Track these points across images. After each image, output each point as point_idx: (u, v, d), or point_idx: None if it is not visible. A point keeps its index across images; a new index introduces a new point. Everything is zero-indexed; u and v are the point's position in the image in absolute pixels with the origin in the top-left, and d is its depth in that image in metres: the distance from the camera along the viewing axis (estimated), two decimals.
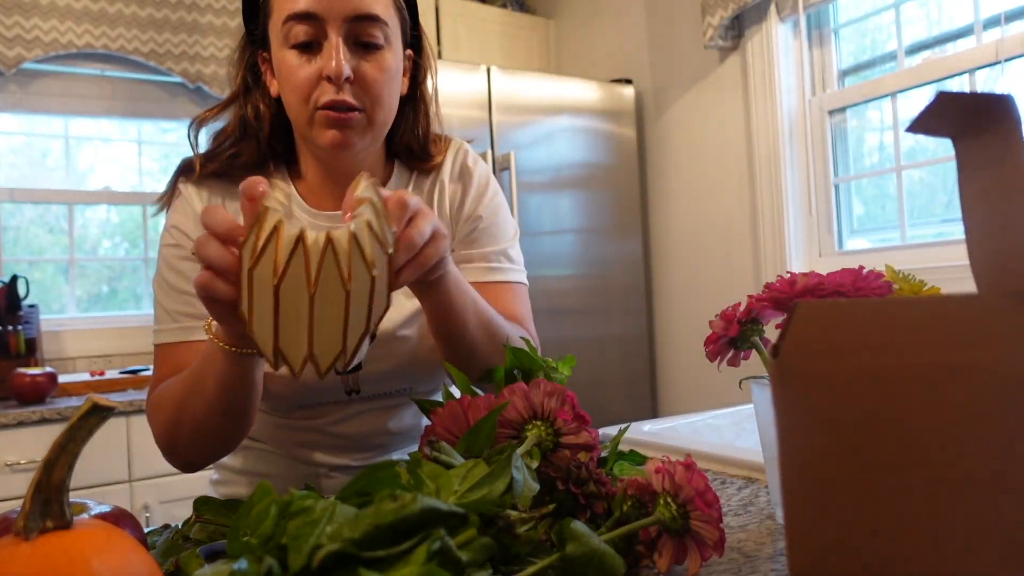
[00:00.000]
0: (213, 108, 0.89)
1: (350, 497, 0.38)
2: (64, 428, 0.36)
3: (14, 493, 1.88)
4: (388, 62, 0.80)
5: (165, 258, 0.85)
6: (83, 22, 2.50)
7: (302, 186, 0.90)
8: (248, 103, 0.87)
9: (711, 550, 0.46)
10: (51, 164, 2.66)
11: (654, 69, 2.72)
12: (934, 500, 0.27)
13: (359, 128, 0.79)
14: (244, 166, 0.86)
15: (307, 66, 0.77)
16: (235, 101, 0.88)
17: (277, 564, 0.34)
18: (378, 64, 0.79)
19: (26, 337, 2.25)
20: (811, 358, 0.30)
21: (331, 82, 0.76)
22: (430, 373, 0.90)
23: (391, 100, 0.82)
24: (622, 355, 2.63)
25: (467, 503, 0.38)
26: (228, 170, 0.86)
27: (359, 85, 0.78)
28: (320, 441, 0.90)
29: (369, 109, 0.79)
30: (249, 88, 0.87)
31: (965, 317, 0.28)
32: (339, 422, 0.89)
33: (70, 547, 0.34)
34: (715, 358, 0.62)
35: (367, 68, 0.78)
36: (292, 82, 0.78)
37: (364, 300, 0.52)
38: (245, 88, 0.87)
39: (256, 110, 0.86)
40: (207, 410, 0.69)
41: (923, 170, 2.08)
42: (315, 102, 0.77)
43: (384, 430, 0.91)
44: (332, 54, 0.76)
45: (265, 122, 0.86)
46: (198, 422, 0.71)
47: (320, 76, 0.76)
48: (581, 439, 0.56)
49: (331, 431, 0.89)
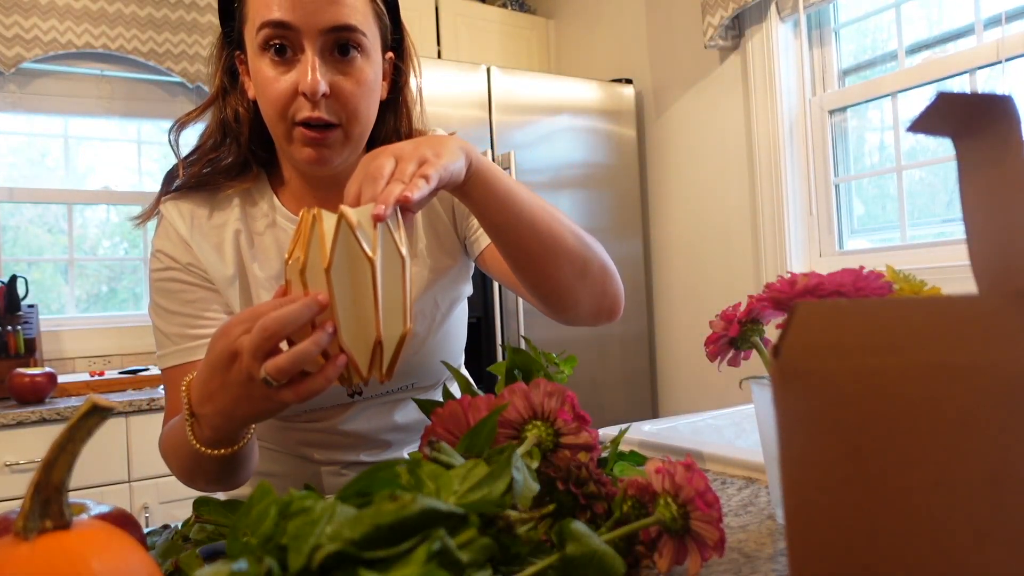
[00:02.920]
0: (193, 111, 0.88)
1: (350, 497, 0.38)
2: (63, 428, 0.36)
3: (13, 493, 1.88)
4: (366, 74, 0.78)
5: (155, 283, 0.85)
6: (83, 22, 2.50)
7: (284, 192, 0.88)
8: (227, 105, 0.85)
9: (711, 550, 0.46)
10: (50, 164, 2.66)
11: (654, 69, 2.71)
12: (934, 501, 0.27)
13: (336, 144, 0.78)
14: (226, 170, 0.85)
15: (282, 79, 0.75)
16: (214, 103, 0.86)
17: (277, 564, 0.34)
18: (355, 77, 0.77)
19: (25, 337, 2.25)
20: (812, 358, 0.30)
21: (307, 99, 0.75)
22: (430, 369, 0.91)
23: (369, 112, 0.81)
24: (622, 355, 2.63)
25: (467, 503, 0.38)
26: (211, 177, 0.85)
27: (335, 100, 0.76)
28: (327, 440, 0.91)
29: (346, 124, 0.78)
30: (227, 90, 0.86)
31: (966, 317, 0.28)
32: (345, 422, 0.90)
33: (69, 547, 0.34)
34: (715, 358, 0.62)
35: (343, 82, 0.76)
36: (268, 95, 0.77)
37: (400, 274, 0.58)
38: (223, 90, 0.86)
39: (235, 112, 0.85)
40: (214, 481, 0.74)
41: (923, 170, 2.08)
42: (291, 117, 0.76)
43: (392, 425, 0.92)
44: (307, 70, 0.74)
45: (245, 125, 0.85)
46: (211, 485, 0.76)
47: (296, 90, 0.75)
48: (581, 439, 0.56)
49: (338, 430, 0.90)
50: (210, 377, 0.62)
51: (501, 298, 2.33)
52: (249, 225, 0.87)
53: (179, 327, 0.83)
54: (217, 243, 0.85)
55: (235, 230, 0.86)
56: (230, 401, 0.61)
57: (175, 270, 0.84)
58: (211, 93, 0.86)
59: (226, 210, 0.86)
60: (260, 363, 0.57)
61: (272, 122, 0.78)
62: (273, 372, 0.56)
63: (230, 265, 0.85)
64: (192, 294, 0.84)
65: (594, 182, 2.59)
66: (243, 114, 0.85)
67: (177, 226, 0.84)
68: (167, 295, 0.84)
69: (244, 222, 0.86)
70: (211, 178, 0.85)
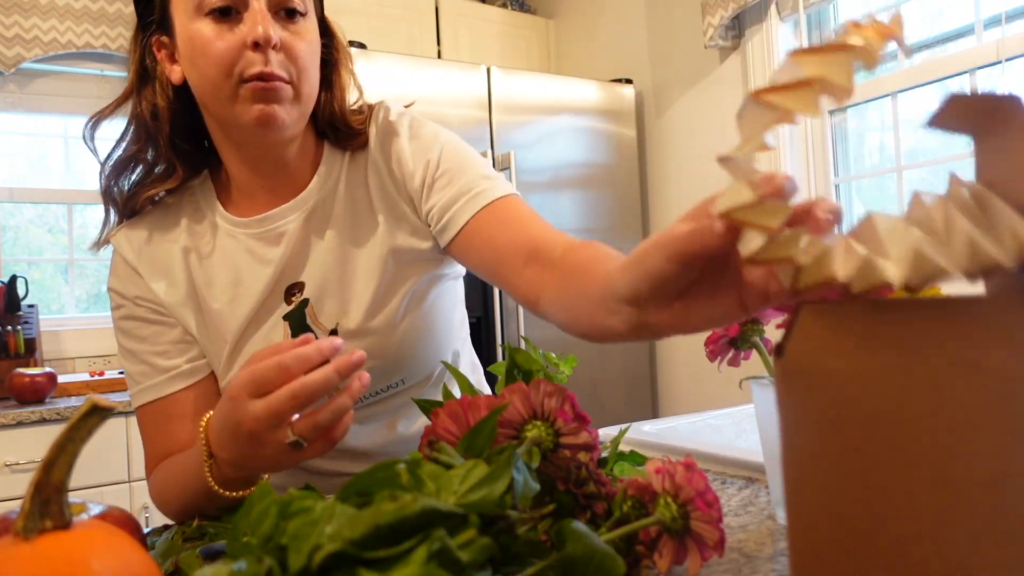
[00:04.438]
0: (108, 106, 0.81)
1: (350, 497, 0.38)
2: (63, 428, 0.35)
3: (13, 493, 1.88)
4: (311, 33, 0.75)
5: (115, 324, 0.84)
6: (83, 22, 2.50)
7: (231, 194, 0.83)
8: (143, 99, 0.78)
9: (711, 550, 0.46)
10: (50, 164, 2.66)
11: (654, 69, 2.71)
12: (937, 500, 0.27)
13: (287, 101, 0.73)
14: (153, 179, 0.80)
15: (228, 35, 0.70)
16: (129, 97, 0.80)
17: (277, 564, 0.33)
18: (302, 34, 0.74)
19: (25, 337, 2.25)
20: (815, 357, 0.30)
21: (257, 49, 0.70)
22: (416, 360, 0.86)
23: (315, 73, 0.77)
24: (622, 355, 2.63)
25: (467, 503, 0.38)
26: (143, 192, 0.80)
27: (285, 54, 0.72)
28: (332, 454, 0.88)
29: (296, 80, 0.73)
30: (143, 82, 0.79)
31: (970, 317, 0.28)
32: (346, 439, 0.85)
33: (69, 548, 0.34)
34: (715, 358, 0.62)
35: (291, 39, 0.73)
36: (211, 54, 0.70)
37: None
38: (139, 83, 0.79)
39: (152, 107, 0.78)
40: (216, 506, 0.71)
41: (923, 170, 2.07)
42: (239, 75, 0.70)
43: (397, 438, 0.88)
44: (258, 19, 0.70)
45: (164, 120, 0.78)
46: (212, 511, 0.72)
47: (243, 45, 0.70)
48: (581, 439, 0.56)
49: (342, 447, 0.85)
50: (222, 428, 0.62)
51: (501, 298, 2.32)
52: (197, 244, 0.83)
53: (141, 364, 0.81)
54: (166, 265, 0.82)
55: (183, 248, 0.82)
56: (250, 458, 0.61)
57: (125, 307, 0.82)
58: (126, 87, 0.80)
59: (173, 229, 0.83)
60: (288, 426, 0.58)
61: (214, 84, 0.72)
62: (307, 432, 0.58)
63: (180, 287, 0.82)
64: (146, 329, 0.82)
65: (594, 182, 2.59)
66: (163, 107, 0.78)
67: (125, 254, 0.82)
68: (125, 335, 0.83)
69: (192, 239, 0.83)
70: (143, 194, 0.81)
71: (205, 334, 0.83)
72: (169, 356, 0.81)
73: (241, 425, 0.58)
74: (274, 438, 0.58)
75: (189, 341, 0.83)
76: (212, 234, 0.83)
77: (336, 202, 0.83)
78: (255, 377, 0.57)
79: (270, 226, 0.81)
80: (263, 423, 0.57)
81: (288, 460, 0.60)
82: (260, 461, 0.61)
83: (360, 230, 0.83)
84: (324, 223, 0.82)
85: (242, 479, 0.66)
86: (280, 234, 0.81)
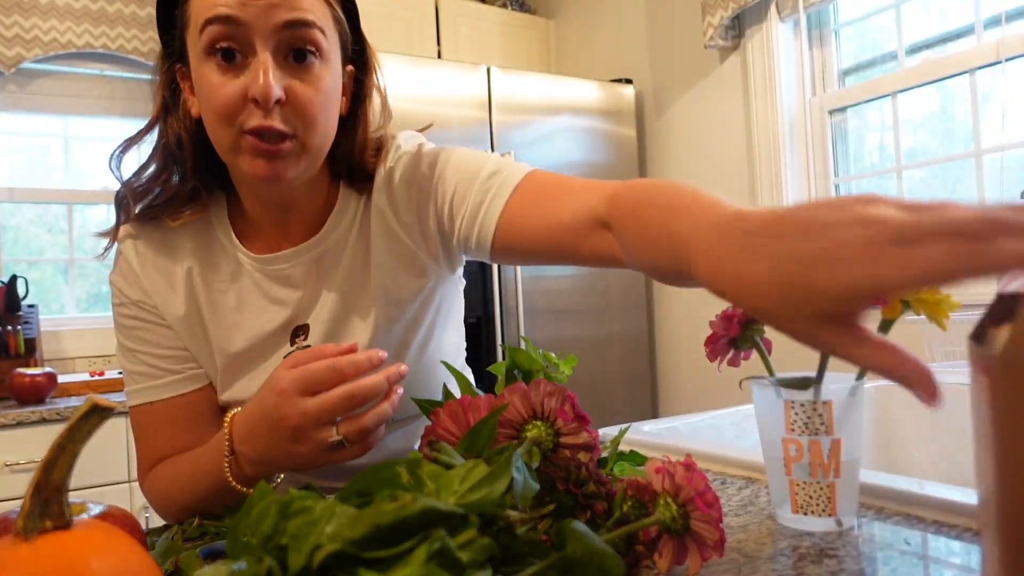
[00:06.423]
0: (136, 134, 0.80)
1: (350, 497, 0.38)
2: (64, 428, 0.35)
3: (14, 493, 1.88)
4: (325, 81, 0.70)
5: (115, 317, 0.82)
6: (83, 22, 2.50)
7: (243, 223, 0.81)
8: (168, 128, 0.77)
9: (711, 550, 0.46)
10: (50, 164, 2.66)
11: (654, 69, 2.71)
12: None
13: (291, 157, 0.69)
14: (175, 200, 0.78)
15: (231, 83, 0.67)
16: (155, 125, 0.78)
17: (277, 564, 0.34)
18: (314, 83, 0.69)
19: (25, 337, 2.25)
20: None
21: (258, 105, 0.66)
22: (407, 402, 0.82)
23: (328, 123, 0.72)
24: (622, 355, 2.63)
25: (467, 503, 0.38)
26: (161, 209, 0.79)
27: (291, 107, 0.68)
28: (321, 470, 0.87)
29: (302, 134, 0.69)
30: (169, 109, 0.77)
31: None
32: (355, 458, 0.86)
33: (70, 547, 0.34)
34: (715, 358, 0.62)
35: (300, 88, 0.68)
36: (213, 102, 0.67)
37: None
38: (165, 110, 0.77)
39: (178, 137, 0.76)
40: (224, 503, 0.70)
41: (923, 170, 2.08)
42: (240, 126, 0.67)
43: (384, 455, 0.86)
44: (259, 72, 0.65)
45: (188, 151, 0.76)
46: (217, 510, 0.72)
47: (246, 96, 0.66)
48: (581, 439, 0.56)
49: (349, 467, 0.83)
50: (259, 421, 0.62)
51: (501, 298, 2.32)
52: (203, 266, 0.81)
53: (141, 365, 0.80)
54: (169, 280, 0.81)
55: (187, 267, 0.80)
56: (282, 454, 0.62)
57: (127, 306, 0.81)
58: (152, 114, 0.78)
59: (179, 246, 0.81)
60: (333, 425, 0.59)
61: (216, 132, 0.69)
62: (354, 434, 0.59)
63: (181, 305, 0.80)
64: (146, 332, 0.81)
65: None
66: (185, 138, 0.76)
67: (130, 259, 0.80)
68: (125, 331, 0.81)
69: (197, 258, 0.81)
70: (161, 210, 0.79)
71: (199, 353, 0.82)
72: (169, 361, 0.81)
73: (286, 419, 0.59)
74: (317, 437, 0.60)
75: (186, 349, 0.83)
76: (222, 258, 0.82)
77: (347, 248, 0.81)
78: (308, 376, 0.59)
79: (280, 266, 0.80)
80: (311, 419, 0.59)
81: (322, 459, 0.61)
82: (291, 459, 0.62)
83: (367, 275, 0.81)
84: (334, 268, 0.81)
85: (258, 477, 0.65)
86: (289, 276, 0.80)
